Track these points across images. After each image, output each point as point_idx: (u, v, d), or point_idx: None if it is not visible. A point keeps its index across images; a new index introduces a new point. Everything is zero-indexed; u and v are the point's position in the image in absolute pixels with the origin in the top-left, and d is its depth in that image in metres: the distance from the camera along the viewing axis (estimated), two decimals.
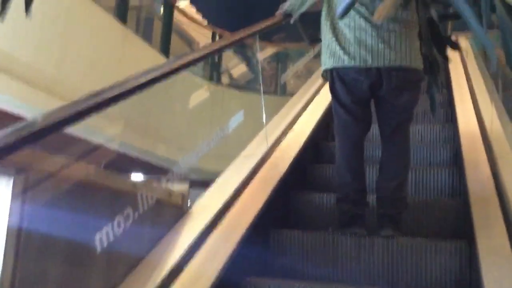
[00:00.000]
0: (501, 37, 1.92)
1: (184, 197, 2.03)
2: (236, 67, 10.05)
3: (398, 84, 2.21)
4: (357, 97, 2.29)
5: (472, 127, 3.14)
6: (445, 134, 3.55)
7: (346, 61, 2.23)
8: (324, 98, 3.83)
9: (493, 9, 1.79)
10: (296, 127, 3.31)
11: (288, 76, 10.00)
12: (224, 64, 9.93)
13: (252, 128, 2.85)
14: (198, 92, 8.08)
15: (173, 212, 1.96)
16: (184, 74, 6.52)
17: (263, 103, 2.71)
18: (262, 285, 1.92)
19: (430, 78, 2.48)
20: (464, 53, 4.63)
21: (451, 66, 4.22)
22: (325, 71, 2.36)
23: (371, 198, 2.39)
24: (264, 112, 2.73)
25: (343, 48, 2.24)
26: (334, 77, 2.30)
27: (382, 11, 1.97)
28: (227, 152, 2.62)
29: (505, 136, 2.55)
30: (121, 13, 6.45)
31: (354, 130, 2.34)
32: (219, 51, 3.74)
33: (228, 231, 2.00)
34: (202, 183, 2.36)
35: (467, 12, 1.89)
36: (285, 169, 2.68)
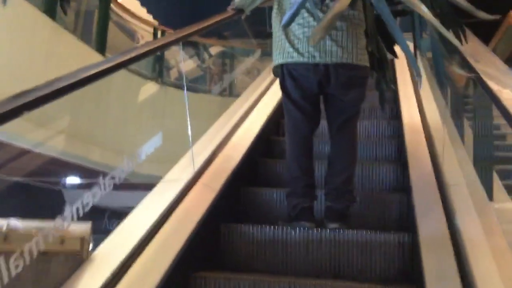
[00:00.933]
0: (432, 55, 2.09)
1: (84, 241, 1.58)
2: (185, 63, 9.66)
3: (345, 81, 2.27)
4: (306, 93, 2.34)
5: (416, 122, 3.26)
6: (390, 130, 3.67)
7: (295, 57, 2.28)
8: (275, 94, 3.87)
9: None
10: (245, 123, 3.32)
11: (236, 75, 9.69)
12: (172, 59, 9.35)
13: (197, 129, 2.72)
14: (138, 92, 7.59)
15: (68, 263, 1.55)
16: (123, 73, 6.26)
17: (187, 105, 2.64)
18: (211, 279, 1.92)
19: (379, 75, 2.57)
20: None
21: (396, 63, 4.35)
22: (276, 67, 2.40)
23: (320, 193, 2.45)
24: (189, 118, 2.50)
25: (292, 44, 2.29)
26: (284, 73, 2.34)
27: (316, 35, 2.07)
28: (169, 156, 2.45)
29: (446, 131, 2.66)
30: (49, 6, 5.70)
31: (304, 125, 2.39)
32: (161, 49, 3.29)
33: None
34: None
35: (392, 22, 2.04)
36: (236, 163, 2.69)
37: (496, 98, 1.02)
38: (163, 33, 8.58)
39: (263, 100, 3.85)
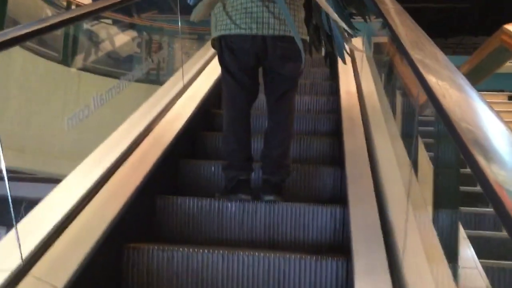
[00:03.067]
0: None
1: None
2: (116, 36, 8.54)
3: (282, 53, 2.29)
4: (244, 66, 2.34)
5: (353, 99, 3.34)
6: (329, 106, 3.74)
7: (232, 29, 2.27)
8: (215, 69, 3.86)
9: None
10: (185, 95, 3.29)
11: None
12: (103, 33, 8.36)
13: (114, 121, 2.49)
14: (41, 77, 6.56)
15: None
16: (23, 54, 5.68)
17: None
18: (144, 250, 1.92)
19: (327, 47, 2.61)
20: None
21: None
22: (214, 39, 2.39)
23: (256, 166, 2.48)
24: None
25: (230, 16, 2.28)
26: (222, 45, 2.33)
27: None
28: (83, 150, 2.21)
29: (380, 107, 2.75)
30: None
31: (241, 98, 2.40)
32: (69, 22, 2.42)
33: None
34: None
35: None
36: (172, 138, 2.67)
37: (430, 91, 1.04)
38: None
39: (204, 72, 3.82)
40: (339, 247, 2.20)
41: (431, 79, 1.06)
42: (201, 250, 1.92)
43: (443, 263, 1.70)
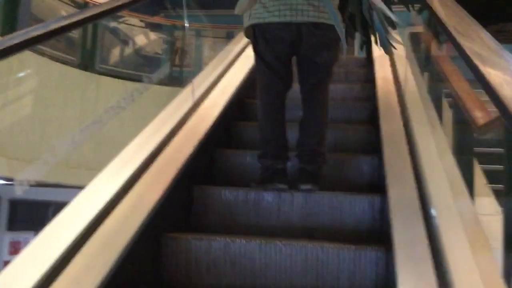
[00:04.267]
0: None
1: None
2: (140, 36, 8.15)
3: (317, 41, 2.25)
4: (278, 54, 2.31)
5: (389, 86, 3.27)
6: (365, 93, 3.67)
7: (266, 17, 2.24)
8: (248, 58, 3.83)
9: None
10: (220, 85, 3.28)
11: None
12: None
13: (139, 128, 2.35)
14: (57, 82, 6.08)
15: None
16: (38, 60, 5.46)
17: None
18: (182, 240, 1.93)
19: (364, 35, 2.54)
20: None
21: None
22: (247, 28, 2.36)
23: (292, 155, 2.45)
24: None
25: (263, 4, 2.24)
26: (256, 34, 2.31)
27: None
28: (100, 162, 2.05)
29: (419, 94, 2.68)
30: None
31: (276, 86, 2.37)
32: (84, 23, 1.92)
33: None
34: None
35: None
36: (209, 126, 2.67)
37: (485, 80, 0.96)
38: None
39: (238, 62, 3.80)
40: (378, 237, 2.16)
41: (488, 71, 0.98)
42: (238, 240, 1.92)
43: (489, 253, 1.64)
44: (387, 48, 2.17)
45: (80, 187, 1.78)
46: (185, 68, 8.01)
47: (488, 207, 2.74)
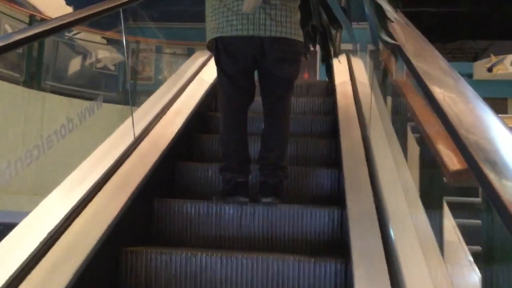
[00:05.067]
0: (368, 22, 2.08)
1: None
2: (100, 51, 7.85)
3: (279, 56, 2.28)
4: (240, 67, 2.34)
5: (349, 99, 3.34)
6: (326, 107, 3.74)
7: (229, 31, 2.26)
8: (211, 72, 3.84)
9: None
10: (181, 98, 3.28)
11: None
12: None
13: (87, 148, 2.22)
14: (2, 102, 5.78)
15: None
16: None
17: None
18: (142, 253, 1.91)
19: (323, 49, 2.58)
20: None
21: None
22: (210, 41, 2.38)
23: (254, 168, 2.47)
24: None
25: (226, 18, 2.27)
26: (218, 47, 2.33)
27: (250, 2, 2.05)
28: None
29: (376, 107, 2.75)
30: None
31: (238, 100, 2.39)
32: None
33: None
34: None
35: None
36: (169, 140, 2.66)
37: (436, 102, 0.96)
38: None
39: (200, 75, 3.80)
40: (338, 249, 2.20)
41: (436, 90, 1.02)
42: (199, 253, 1.92)
43: (440, 265, 1.70)
44: (376, 44, 2.13)
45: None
46: (141, 84, 7.80)
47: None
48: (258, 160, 2.42)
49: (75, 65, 7.58)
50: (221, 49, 2.33)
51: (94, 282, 1.71)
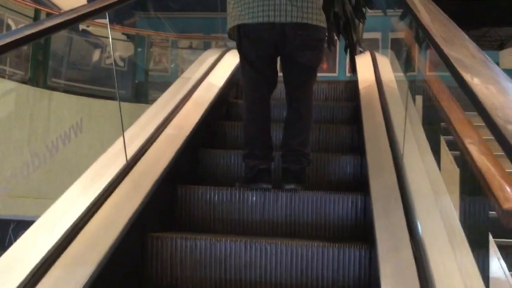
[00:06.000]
0: None
1: None
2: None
3: (301, 42, 2.27)
4: (262, 54, 2.33)
5: (371, 84, 3.30)
6: (347, 93, 3.72)
7: (250, 18, 2.26)
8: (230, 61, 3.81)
9: None
10: (203, 85, 3.29)
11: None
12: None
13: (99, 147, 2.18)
14: (6, 101, 5.52)
15: None
16: None
17: None
18: (167, 239, 1.94)
19: (347, 38, 2.56)
20: None
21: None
22: (231, 29, 2.38)
23: (277, 154, 2.48)
24: None
25: (247, 5, 2.26)
26: (240, 34, 2.32)
27: None
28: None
29: (398, 93, 2.71)
30: None
31: (261, 86, 2.39)
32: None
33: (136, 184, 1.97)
34: None
35: None
36: (192, 127, 2.68)
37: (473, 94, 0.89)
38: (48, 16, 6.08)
39: (221, 63, 3.80)
40: (361, 235, 2.19)
41: (473, 81, 0.92)
42: (224, 239, 1.93)
43: (465, 252, 1.68)
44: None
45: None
46: (152, 82, 7.52)
47: None
48: (281, 147, 2.42)
49: (83, 61, 7.30)
50: (243, 37, 2.33)
51: (122, 266, 1.74)
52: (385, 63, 3.72)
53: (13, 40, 1.37)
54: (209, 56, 3.85)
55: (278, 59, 2.43)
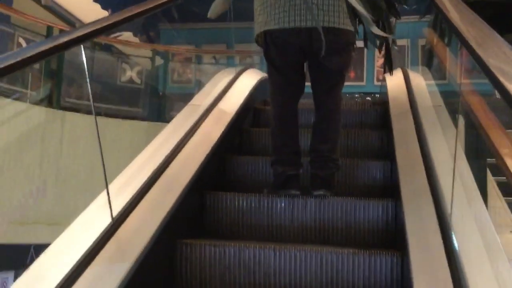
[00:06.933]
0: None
1: None
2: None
3: (328, 46, 2.24)
4: (289, 60, 2.32)
5: (400, 90, 3.26)
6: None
7: (276, 23, 2.25)
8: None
9: None
10: (230, 91, 3.28)
11: None
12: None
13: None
14: (11, 122, 5.22)
15: None
16: None
17: None
18: (196, 246, 1.94)
19: (385, 41, 2.50)
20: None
21: None
22: (258, 35, 2.38)
23: (305, 160, 2.45)
24: None
25: (273, 11, 2.25)
26: (266, 40, 2.32)
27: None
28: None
29: (429, 98, 2.66)
30: None
31: (288, 92, 2.38)
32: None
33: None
34: None
35: None
36: (221, 132, 2.68)
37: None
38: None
39: (236, 85, 3.51)
40: (393, 242, 2.15)
41: None
42: (252, 246, 1.92)
43: (501, 254, 1.62)
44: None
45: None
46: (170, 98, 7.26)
47: None
48: (310, 153, 2.40)
49: (98, 79, 6.88)
50: (269, 43, 2.32)
51: (152, 272, 1.75)
52: (421, 88, 3.17)
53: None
54: (223, 78, 3.47)
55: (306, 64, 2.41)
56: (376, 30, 2.04)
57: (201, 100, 3.00)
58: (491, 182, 2.48)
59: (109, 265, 1.55)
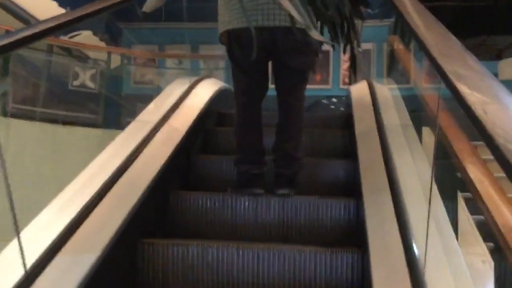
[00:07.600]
0: None
1: None
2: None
3: (291, 46, 2.26)
4: (253, 59, 2.32)
5: (363, 90, 3.31)
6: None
7: (239, 22, 2.25)
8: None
9: None
10: (193, 92, 3.27)
11: None
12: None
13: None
14: None
15: None
16: None
17: None
18: (159, 245, 1.92)
19: (347, 40, 2.51)
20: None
21: None
22: (221, 34, 2.37)
23: (269, 159, 2.46)
24: None
25: (236, 10, 2.25)
26: (230, 39, 2.32)
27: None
28: None
29: (391, 97, 2.72)
30: None
31: (252, 91, 2.39)
32: None
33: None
34: None
35: None
36: (184, 133, 2.66)
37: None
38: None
39: (190, 98, 3.19)
40: (354, 240, 2.19)
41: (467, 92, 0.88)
42: (215, 245, 1.92)
43: (461, 261, 1.68)
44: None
45: None
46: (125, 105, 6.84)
47: None
48: (273, 151, 2.41)
49: (49, 83, 6.38)
50: (232, 42, 2.32)
51: (113, 272, 1.73)
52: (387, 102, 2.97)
53: None
54: (175, 90, 3.14)
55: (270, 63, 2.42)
56: (315, 35, 2.04)
57: (150, 115, 2.70)
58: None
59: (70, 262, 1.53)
